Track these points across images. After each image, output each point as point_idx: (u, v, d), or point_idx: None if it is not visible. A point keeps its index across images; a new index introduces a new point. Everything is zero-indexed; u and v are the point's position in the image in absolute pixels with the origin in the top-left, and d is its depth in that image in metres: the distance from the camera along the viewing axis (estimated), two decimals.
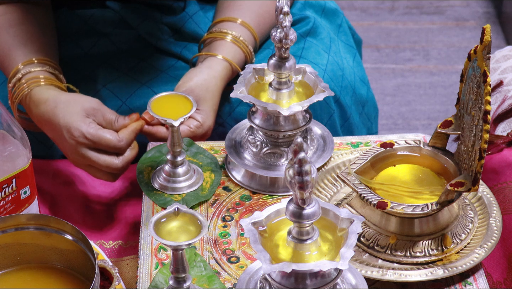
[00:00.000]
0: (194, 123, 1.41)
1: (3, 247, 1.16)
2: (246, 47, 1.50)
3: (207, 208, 1.30)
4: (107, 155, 1.37)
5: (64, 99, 1.39)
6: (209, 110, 1.42)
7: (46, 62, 1.45)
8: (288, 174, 0.98)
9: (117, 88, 1.53)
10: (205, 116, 1.42)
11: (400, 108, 2.64)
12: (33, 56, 1.45)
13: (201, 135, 1.42)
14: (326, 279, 1.04)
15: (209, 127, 1.42)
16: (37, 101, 1.40)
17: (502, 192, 1.33)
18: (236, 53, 1.49)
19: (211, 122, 1.42)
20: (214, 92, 1.44)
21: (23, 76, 1.43)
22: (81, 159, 1.37)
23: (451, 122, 1.23)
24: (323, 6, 1.70)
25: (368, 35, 2.88)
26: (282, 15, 1.22)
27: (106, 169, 1.38)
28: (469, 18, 2.99)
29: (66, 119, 1.37)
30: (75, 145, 1.36)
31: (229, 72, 1.48)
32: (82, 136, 1.36)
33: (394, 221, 1.19)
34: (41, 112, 1.40)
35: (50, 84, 1.43)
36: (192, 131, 1.40)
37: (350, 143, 1.40)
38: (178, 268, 1.11)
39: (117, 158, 1.38)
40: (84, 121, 1.37)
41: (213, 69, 1.46)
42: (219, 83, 1.46)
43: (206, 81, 1.44)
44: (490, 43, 1.13)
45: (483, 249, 1.19)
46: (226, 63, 1.47)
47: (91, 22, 1.60)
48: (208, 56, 1.48)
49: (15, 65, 1.44)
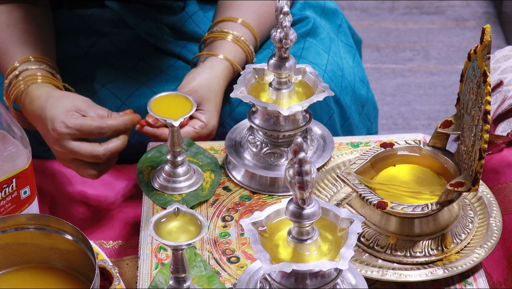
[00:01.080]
0: (199, 124, 1.41)
1: (3, 247, 1.16)
2: (247, 47, 1.50)
3: (207, 208, 1.30)
4: (88, 144, 1.36)
5: (56, 95, 1.39)
6: (213, 110, 1.42)
7: (43, 60, 1.45)
8: (288, 174, 0.98)
9: (117, 88, 1.53)
10: (209, 116, 1.42)
11: (400, 108, 2.64)
12: (30, 55, 1.45)
13: (205, 135, 1.42)
14: (326, 279, 1.04)
15: (214, 127, 1.42)
16: (32, 97, 1.40)
17: (502, 192, 1.33)
18: (237, 53, 1.49)
19: (215, 122, 1.42)
20: (217, 92, 1.44)
21: (20, 73, 1.43)
22: (64, 152, 1.36)
23: (451, 122, 1.23)
24: (322, 6, 1.70)
25: (368, 35, 2.88)
26: (282, 15, 1.22)
27: (89, 158, 1.36)
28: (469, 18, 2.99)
29: (52, 112, 1.37)
30: (57, 136, 1.36)
31: (231, 72, 1.48)
32: (64, 126, 1.35)
33: (394, 221, 1.19)
34: (34, 107, 1.39)
35: (47, 82, 1.43)
36: (196, 132, 1.40)
37: (350, 144, 1.40)
38: (178, 268, 1.11)
39: (99, 146, 1.37)
40: (68, 114, 1.36)
41: (215, 69, 1.46)
42: (221, 83, 1.46)
43: (208, 81, 1.44)
44: (490, 43, 1.13)
45: (483, 249, 1.19)
46: (227, 63, 1.47)
47: (90, 22, 1.60)
48: (209, 56, 1.48)
49: (11, 63, 1.44)
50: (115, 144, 1.38)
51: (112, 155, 1.38)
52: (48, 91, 1.40)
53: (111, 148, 1.37)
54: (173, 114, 1.27)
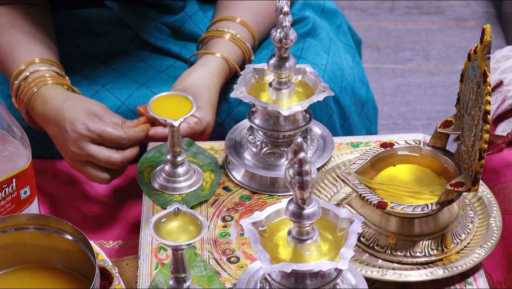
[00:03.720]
0: (193, 120, 1.41)
1: (3, 247, 1.16)
2: (244, 44, 1.50)
3: (207, 208, 1.30)
4: (107, 149, 1.37)
5: (73, 97, 1.40)
6: (205, 106, 1.42)
7: (50, 62, 1.45)
8: (288, 174, 0.98)
9: (116, 89, 1.53)
10: (202, 112, 1.42)
11: (400, 108, 2.64)
12: (36, 56, 1.45)
13: (201, 131, 1.41)
14: (326, 279, 1.04)
15: (208, 123, 1.42)
16: (45, 98, 1.40)
17: (502, 192, 1.33)
18: (232, 50, 1.49)
19: (209, 118, 1.42)
20: (210, 88, 1.44)
21: (30, 74, 1.43)
22: (81, 154, 1.37)
23: (451, 122, 1.23)
24: (322, 7, 1.70)
25: (368, 35, 2.88)
26: (282, 15, 1.22)
27: (105, 164, 1.37)
28: (469, 18, 2.99)
29: (71, 113, 1.37)
30: (77, 137, 1.36)
31: (225, 69, 1.48)
32: (85, 128, 1.36)
33: (394, 221, 1.19)
34: (48, 108, 1.39)
35: (57, 83, 1.43)
36: (191, 127, 1.40)
37: (350, 144, 1.40)
38: (178, 268, 1.11)
39: (117, 152, 1.37)
40: (88, 116, 1.37)
41: (208, 66, 1.46)
42: (215, 80, 1.46)
43: (200, 79, 1.44)
44: (490, 43, 1.13)
45: (483, 249, 1.19)
46: (221, 60, 1.48)
47: (89, 22, 1.60)
48: (205, 54, 1.49)
49: (18, 65, 1.44)
50: (131, 152, 1.39)
51: (128, 162, 1.39)
52: (62, 92, 1.41)
53: (128, 155, 1.39)
54: (173, 114, 1.27)
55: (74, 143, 1.37)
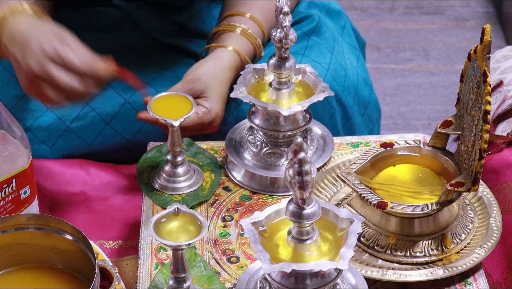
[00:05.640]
0: (202, 110, 1.40)
1: (3, 247, 1.16)
2: (255, 40, 1.51)
3: (207, 208, 1.30)
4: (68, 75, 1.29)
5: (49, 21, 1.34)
6: (216, 97, 1.42)
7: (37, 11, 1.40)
8: (288, 174, 0.98)
9: (120, 87, 1.53)
10: (212, 103, 1.41)
11: (400, 108, 2.64)
12: None
13: (209, 122, 1.41)
14: (326, 279, 1.04)
15: (217, 114, 1.41)
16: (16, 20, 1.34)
17: (502, 192, 1.33)
18: (243, 44, 1.50)
19: (218, 109, 1.42)
20: (222, 80, 1.44)
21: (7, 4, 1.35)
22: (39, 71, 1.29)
23: (451, 122, 1.23)
24: (327, 7, 1.70)
25: (368, 35, 2.88)
26: (282, 15, 1.22)
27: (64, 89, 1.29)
28: (469, 18, 2.99)
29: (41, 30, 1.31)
30: (39, 54, 1.29)
31: (238, 62, 1.48)
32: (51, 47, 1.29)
33: (394, 221, 1.19)
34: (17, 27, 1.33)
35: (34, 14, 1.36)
36: (199, 117, 1.40)
37: (350, 143, 1.40)
38: (178, 268, 1.11)
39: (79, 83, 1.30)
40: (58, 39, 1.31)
41: (220, 59, 1.46)
42: (226, 72, 1.46)
43: (212, 70, 1.44)
44: (490, 43, 1.13)
45: (483, 249, 1.19)
46: (234, 53, 1.48)
47: (94, 19, 1.60)
48: (217, 47, 1.49)
49: None
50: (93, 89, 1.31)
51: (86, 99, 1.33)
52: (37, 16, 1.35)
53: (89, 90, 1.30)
54: (173, 114, 1.27)
55: (35, 59, 1.30)
